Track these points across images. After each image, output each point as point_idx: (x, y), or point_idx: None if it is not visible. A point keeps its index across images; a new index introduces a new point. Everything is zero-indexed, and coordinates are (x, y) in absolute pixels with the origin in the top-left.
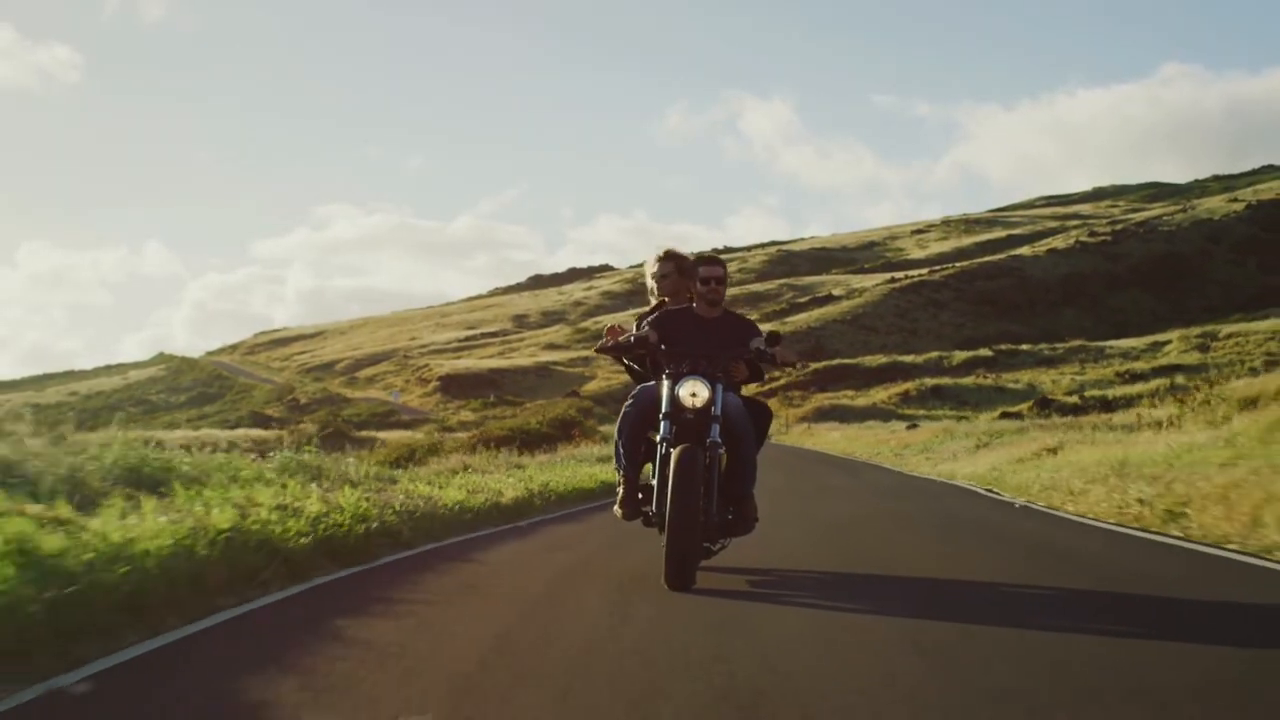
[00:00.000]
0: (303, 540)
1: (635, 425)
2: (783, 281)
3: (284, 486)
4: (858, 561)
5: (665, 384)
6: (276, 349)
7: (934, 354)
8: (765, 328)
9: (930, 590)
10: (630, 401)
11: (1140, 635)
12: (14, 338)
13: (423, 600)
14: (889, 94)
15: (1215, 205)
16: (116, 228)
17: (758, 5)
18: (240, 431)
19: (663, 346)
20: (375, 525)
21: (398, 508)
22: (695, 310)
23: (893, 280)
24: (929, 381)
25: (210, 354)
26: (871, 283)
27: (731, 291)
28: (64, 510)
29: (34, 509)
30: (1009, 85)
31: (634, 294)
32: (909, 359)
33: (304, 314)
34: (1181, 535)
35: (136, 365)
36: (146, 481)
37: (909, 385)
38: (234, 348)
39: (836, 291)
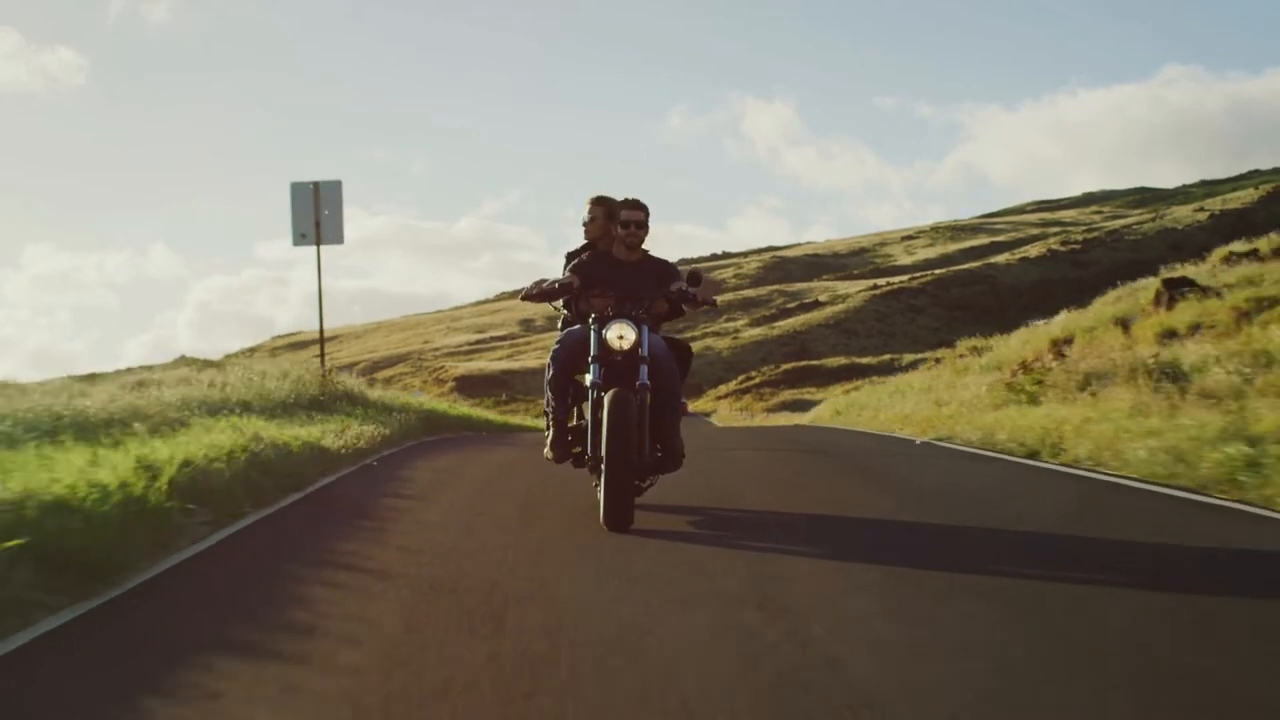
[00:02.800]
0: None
1: (563, 368)
2: (774, 287)
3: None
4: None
5: (593, 327)
6: (295, 351)
7: (886, 356)
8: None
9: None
10: (557, 345)
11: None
12: (20, 340)
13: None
14: (890, 95)
15: (1182, 214)
16: (121, 230)
17: (759, 7)
18: None
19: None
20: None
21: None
22: (615, 254)
23: (875, 287)
24: (877, 379)
25: (229, 356)
26: (856, 289)
27: (727, 296)
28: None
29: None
30: (1011, 86)
31: None
32: (866, 360)
33: (308, 316)
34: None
35: (161, 368)
36: None
37: (860, 383)
38: (252, 350)
39: (823, 298)
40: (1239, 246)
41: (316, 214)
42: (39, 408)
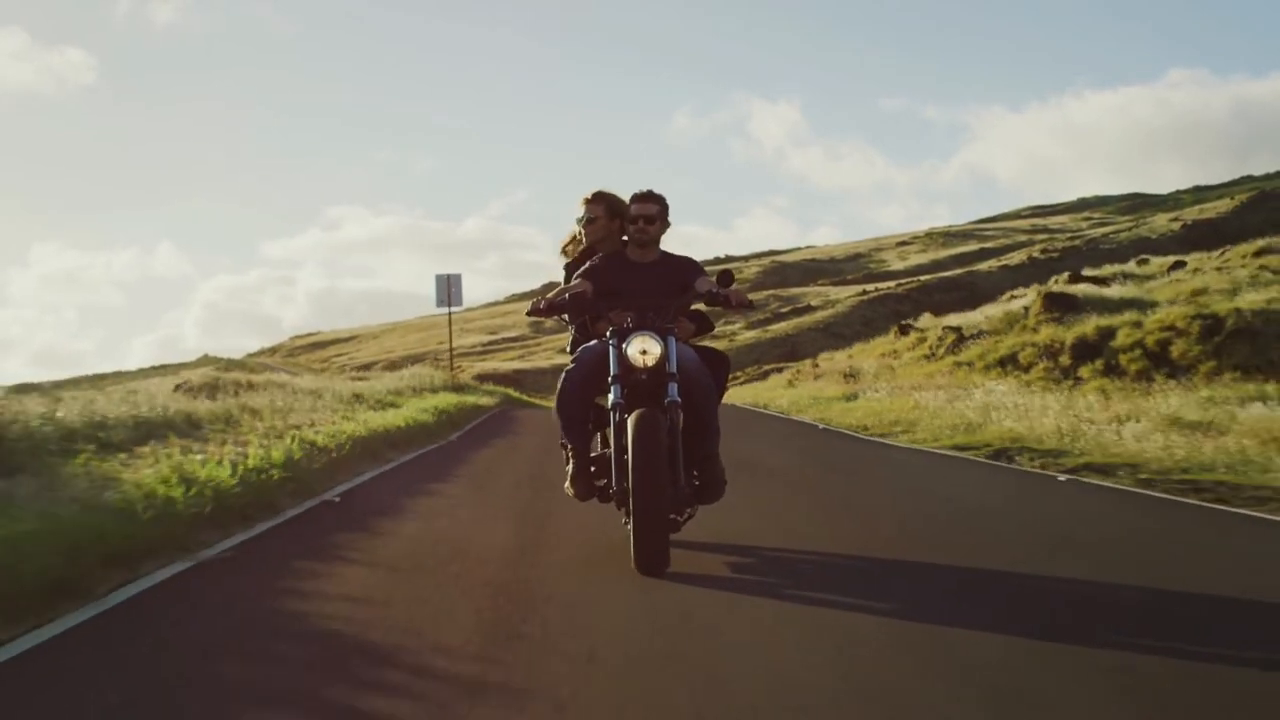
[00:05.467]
0: None
1: (579, 392)
2: (771, 292)
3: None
4: None
5: (611, 343)
6: (315, 351)
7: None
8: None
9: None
10: (571, 366)
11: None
12: (26, 339)
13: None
14: (896, 97)
15: (1158, 224)
16: (128, 228)
17: (762, 8)
18: None
19: (599, 299)
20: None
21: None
22: (628, 255)
23: (864, 293)
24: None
25: (250, 355)
26: (847, 294)
27: None
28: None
29: None
30: (1017, 87)
31: None
32: None
33: (314, 315)
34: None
35: (184, 366)
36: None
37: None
38: (274, 350)
39: (815, 302)
40: (1020, 292)
41: (449, 290)
42: (341, 390)
